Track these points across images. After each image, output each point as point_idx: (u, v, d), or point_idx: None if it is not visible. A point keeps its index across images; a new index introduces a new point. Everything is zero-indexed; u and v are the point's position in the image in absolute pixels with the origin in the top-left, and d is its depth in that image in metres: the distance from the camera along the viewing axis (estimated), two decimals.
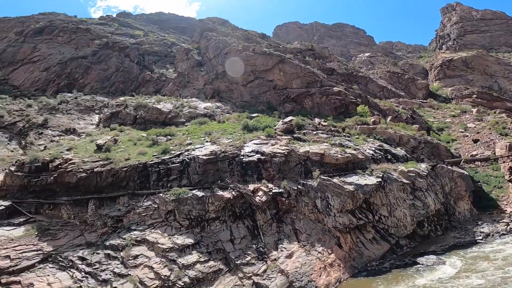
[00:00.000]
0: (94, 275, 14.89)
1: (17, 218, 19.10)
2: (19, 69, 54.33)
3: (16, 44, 59.32)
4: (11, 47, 57.90)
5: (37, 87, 50.65)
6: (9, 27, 66.22)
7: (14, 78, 52.53)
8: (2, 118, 36.75)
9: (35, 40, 61.16)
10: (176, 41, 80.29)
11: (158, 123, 31.35)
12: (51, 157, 21.84)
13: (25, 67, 54.69)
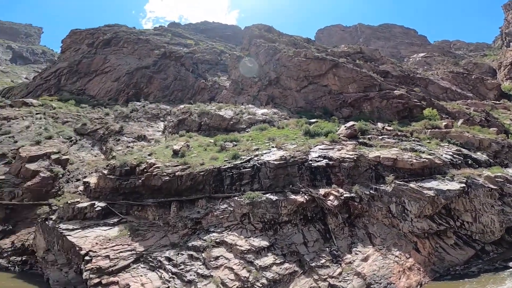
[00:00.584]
0: (180, 276, 15.90)
1: (111, 219, 21.21)
2: (94, 79, 60.49)
3: (89, 55, 65.47)
4: (86, 58, 63.97)
5: (110, 97, 56.37)
6: (81, 38, 72.96)
7: (90, 88, 58.81)
8: (85, 125, 41.72)
9: (105, 51, 67.29)
10: (224, 49, 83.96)
11: (221, 129, 33.49)
12: (137, 162, 24.69)
13: (98, 78, 60.81)
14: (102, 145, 40.35)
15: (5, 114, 38.02)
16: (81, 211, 21.80)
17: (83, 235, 19.72)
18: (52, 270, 19.96)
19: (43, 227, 22.44)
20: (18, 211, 27.27)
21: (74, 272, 19.22)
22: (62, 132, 37.84)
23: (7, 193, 27.98)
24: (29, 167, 29.38)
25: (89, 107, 49.28)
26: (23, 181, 28.86)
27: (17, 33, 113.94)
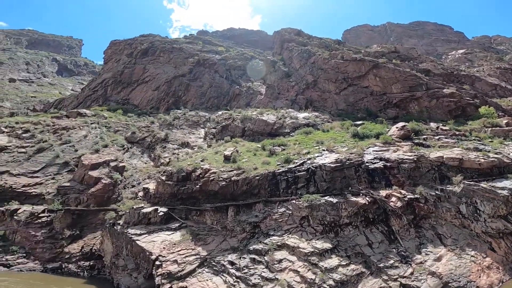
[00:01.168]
0: (244, 280, 16.14)
1: (173, 224, 22.00)
2: (136, 89, 63.79)
3: (130, 65, 68.77)
4: (127, 68, 67.45)
5: (152, 105, 59.25)
6: (120, 49, 76.77)
7: (133, 97, 62.14)
8: (135, 134, 44.14)
9: (143, 61, 70.61)
10: (254, 54, 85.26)
11: (265, 134, 34.26)
12: (192, 168, 25.95)
13: (140, 87, 64.05)
14: (151, 152, 42.47)
15: (64, 124, 41.23)
16: (146, 216, 22.79)
17: (150, 240, 20.59)
18: (122, 276, 20.72)
19: (111, 232, 23.39)
20: (83, 216, 28.78)
21: (143, 277, 19.68)
22: (116, 140, 40.32)
23: (73, 199, 30.23)
24: (92, 174, 31.61)
25: (135, 116, 52.13)
26: (87, 188, 31.02)
27: (60, 46, 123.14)
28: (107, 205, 30.52)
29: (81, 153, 35.64)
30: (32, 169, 32.49)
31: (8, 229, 26.51)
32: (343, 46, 67.49)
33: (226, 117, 40.12)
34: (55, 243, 26.02)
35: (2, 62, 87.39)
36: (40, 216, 27.48)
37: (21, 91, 75.88)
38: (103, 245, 24.20)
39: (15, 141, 35.11)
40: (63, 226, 27.28)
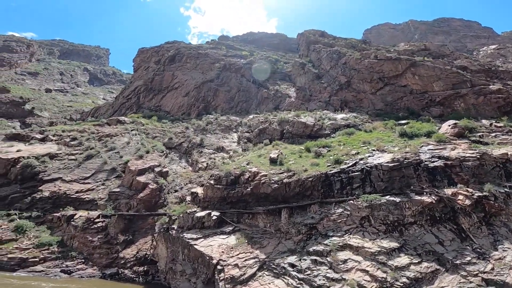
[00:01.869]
0: (308, 281, 15.99)
1: (225, 227, 22.18)
2: (166, 95, 65.43)
3: (159, 72, 70.45)
4: (157, 75, 69.21)
5: (183, 111, 60.67)
6: (148, 57, 78.88)
7: (164, 104, 63.80)
8: (172, 140, 45.41)
9: (171, 68, 72.22)
10: (278, 57, 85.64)
11: (304, 136, 34.44)
12: (240, 171, 26.44)
13: (170, 94, 65.63)
14: (188, 157, 43.44)
15: (107, 131, 43.00)
16: (200, 220, 23.06)
17: (207, 244, 20.75)
18: (181, 281, 20.81)
19: (165, 236, 23.78)
20: (134, 221, 29.61)
21: (201, 282, 19.67)
22: (155, 146, 41.60)
23: (123, 204, 31.32)
24: (140, 179, 32.73)
25: (169, 122, 53.56)
26: (136, 193, 32.02)
27: (90, 55, 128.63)
28: (155, 209, 31.29)
29: (126, 159, 36.97)
30: (83, 175, 33.99)
31: (65, 235, 27.48)
32: (369, 45, 66.94)
33: (261, 121, 40.60)
34: (110, 248, 26.79)
35: (38, 72, 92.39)
36: (95, 222, 28.22)
37: (58, 100, 79.88)
38: (157, 250, 24.71)
39: (65, 148, 36.93)
40: (117, 231, 28.09)
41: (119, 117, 48.91)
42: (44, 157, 33.54)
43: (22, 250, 25.18)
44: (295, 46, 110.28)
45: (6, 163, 31.33)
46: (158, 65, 74.12)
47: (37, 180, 31.78)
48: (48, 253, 25.66)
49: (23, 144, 36.32)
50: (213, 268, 18.97)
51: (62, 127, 43.32)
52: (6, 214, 28.35)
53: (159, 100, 64.78)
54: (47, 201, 30.49)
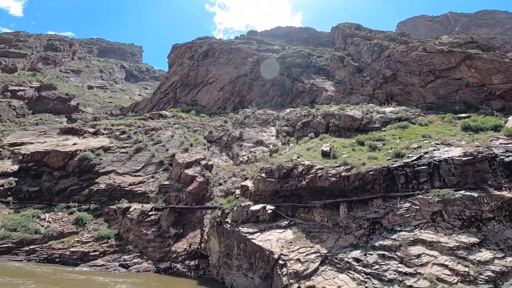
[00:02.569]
0: (377, 276, 15.71)
1: (280, 221, 21.87)
2: (201, 90, 66.39)
3: (193, 67, 71.56)
4: (192, 71, 70.31)
5: (218, 106, 61.33)
6: (182, 53, 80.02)
7: (200, 98, 64.77)
8: (212, 133, 45.94)
9: (205, 63, 73.13)
10: (310, 51, 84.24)
11: (352, 129, 33.55)
12: (292, 164, 26.19)
13: (205, 88, 66.54)
14: (228, 150, 43.79)
15: (151, 125, 44.18)
16: (254, 214, 22.87)
17: (265, 238, 20.62)
18: (237, 276, 20.68)
19: (218, 230, 23.75)
20: (183, 214, 30.04)
21: (259, 277, 19.57)
22: (197, 140, 42.23)
23: (173, 197, 31.84)
24: (187, 172, 33.25)
25: (207, 116, 54.26)
26: (184, 186, 32.47)
27: (125, 53, 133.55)
28: (202, 203, 31.49)
29: (171, 152, 37.77)
30: (134, 168, 35.08)
31: (122, 228, 28.03)
32: (408, 38, 64.27)
33: (304, 114, 40.06)
34: (163, 242, 27.22)
35: (80, 70, 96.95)
36: (149, 214, 28.74)
37: (99, 97, 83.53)
38: (209, 244, 24.80)
39: (116, 141, 38.31)
40: (169, 224, 28.45)
41: (161, 112, 50.13)
42: (99, 150, 34.90)
43: (83, 244, 25.96)
44: (325, 39, 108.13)
45: (65, 156, 32.93)
46: (192, 61, 75.22)
47: (93, 173, 33.07)
48: (107, 246, 26.29)
49: (77, 137, 38.07)
50: (273, 262, 18.92)
51: (111, 121, 45.00)
52: (66, 206, 29.37)
53: (195, 95, 65.78)
54: (103, 193, 31.51)
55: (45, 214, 27.58)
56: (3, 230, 24.52)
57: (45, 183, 30.53)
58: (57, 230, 26.29)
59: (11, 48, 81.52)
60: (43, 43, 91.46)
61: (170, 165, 36.38)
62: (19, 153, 32.19)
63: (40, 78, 78.56)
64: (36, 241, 24.98)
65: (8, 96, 66.67)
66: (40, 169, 31.58)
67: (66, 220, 28.03)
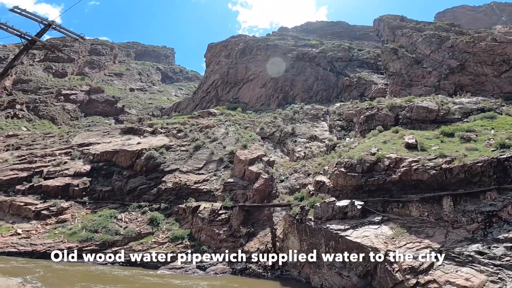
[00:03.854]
0: (510, 267, 14.86)
1: (371, 217, 20.56)
2: (242, 87, 65.74)
3: (232, 65, 71.02)
4: (231, 69, 69.85)
5: (261, 102, 60.49)
6: (217, 51, 79.75)
7: (241, 96, 64.17)
8: (263, 130, 44.94)
9: (243, 61, 72.30)
10: (350, 45, 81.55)
11: (427, 121, 31.45)
12: (375, 158, 24.69)
13: (246, 86, 65.81)
14: (282, 146, 42.72)
15: (205, 123, 43.89)
16: (341, 210, 21.74)
17: (360, 234, 19.62)
18: (329, 275, 19.78)
19: (299, 228, 22.78)
20: (251, 213, 29.07)
21: (356, 275, 18.62)
22: (251, 136, 41.49)
23: (240, 195, 30.98)
24: (252, 169, 32.40)
25: (253, 113, 53.56)
26: (249, 183, 31.71)
27: (159, 55, 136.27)
28: (269, 200, 30.45)
29: (229, 149, 37.19)
30: (196, 166, 34.71)
31: (193, 227, 27.43)
32: (458, 28, 60.92)
33: (366, 107, 38.22)
34: (235, 242, 26.40)
35: (122, 73, 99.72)
36: (219, 213, 27.97)
37: (140, 98, 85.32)
38: (286, 242, 23.86)
39: (175, 140, 38.24)
40: (238, 223, 27.57)
41: (209, 110, 49.94)
42: (161, 149, 34.84)
43: (160, 245, 25.54)
44: (360, 33, 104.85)
45: (132, 155, 33.07)
46: (229, 59, 74.98)
47: (159, 172, 32.99)
48: (183, 247, 25.69)
49: (138, 137, 38.34)
50: (378, 259, 17.64)
51: (165, 120, 45.16)
52: (137, 206, 29.15)
53: (236, 92, 65.36)
54: (171, 192, 31.24)
55: (121, 214, 27.50)
56: (84, 232, 24.52)
57: (116, 183, 30.71)
58: (135, 230, 26.00)
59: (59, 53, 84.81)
60: (87, 47, 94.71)
61: (230, 162, 35.77)
62: (89, 153, 32.66)
63: (88, 82, 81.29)
64: (117, 242, 24.60)
65: (62, 100, 69.37)
66: (110, 168, 31.85)
67: (141, 220, 27.83)
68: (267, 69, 52.03)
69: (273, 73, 52.93)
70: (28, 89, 70.88)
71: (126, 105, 77.05)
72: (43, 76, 78.06)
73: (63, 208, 26.16)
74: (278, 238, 25.58)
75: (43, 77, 78.02)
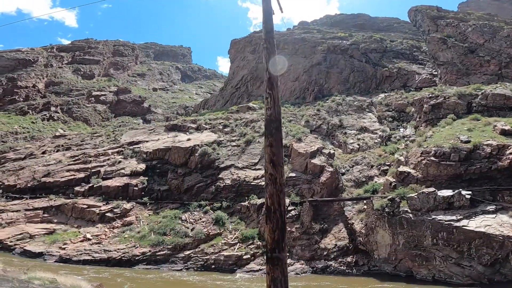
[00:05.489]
0: None
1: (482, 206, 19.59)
2: None
3: (260, 60, 68.37)
4: (259, 63, 67.18)
5: (296, 96, 58.34)
6: (241, 47, 77.61)
7: None
8: (309, 122, 42.72)
9: None
10: (383, 37, 78.79)
11: (506, 108, 29.20)
12: (471, 146, 22.48)
13: None
14: (331, 139, 40.58)
15: (248, 117, 41.78)
16: (445, 201, 20.33)
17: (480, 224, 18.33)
18: (446, 266, 18.77)
19: (392, 221, 21.48)
20: (319, 208, 27.26)
21: (480, 264, 17.85)
22: (299, 129, 39.25)
23: (306, 190, 28.87)
24: (315, 162, 30.25)
25: (291, 107, 51.38)
26: (313, 177, 29.66)
27: (177, 55, 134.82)
28: (336, 194, 28.82)
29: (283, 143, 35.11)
30: (252, 161, 32.65)
31: (262, 226, 25.09)
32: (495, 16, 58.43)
33: (429, 96, 35.67)
34: (310, 239, 24.69)
35: (144, 73, 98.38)
36: (288, 210, 26.08)
37: (164, 98, 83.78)
38: (373, 237, 22.20)
39: (223, 135, 36.18)
40: (309, 219, 25.91)
41: (248, 104, 48.03)
42: (213, 145, 32.82)
43: (231, 246, 23.79)
44: (384, 25, 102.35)
45: (185, 151, 31.08)
46: (255, 54, 73.13)
47: (214, 168, 31.09)
48: (255, 248, 23.92)
49: (183, 133, 36.34)
50: None
51: (205, 116, 43.13)
52: (198, 205, 27.36)
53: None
54: (230, 189, 29.50)
55: (184, 215, 25.62)
56: (153, 235, 22.55)
57: (173, 181, 28.74)
58: (203, 232, 24.25)
59: (85, 55, 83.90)
60: (110, 49, 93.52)
61: (285, 156, 33.63)
62: (141, 152, 30.73)
63: (115, 82, 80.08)
64: (188, 245, 22.91)
65: (93, 101, 68.37)
66: (164, 166, 29.91)
67: (205, 220, 26.02)
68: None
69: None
70: (60, 91, 70.52)
71: (152, 104, 75.45)
72: (72, 78, 77.71)
73: (126, 209, 24.28)
74: (359, 233, 23.60)
75: (73, 79, 77.68)
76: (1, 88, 63.52)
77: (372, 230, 22.34)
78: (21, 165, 31.14)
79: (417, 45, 68.59)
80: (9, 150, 36.02)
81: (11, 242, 20.99)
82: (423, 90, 48.10)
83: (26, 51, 73.14)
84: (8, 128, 50.70)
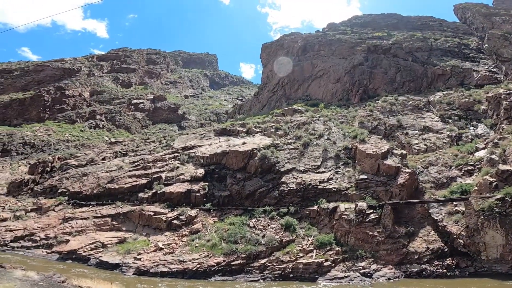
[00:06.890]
0: None
1: None
2: (311, 84, 61.22)
3: (296, 63, 67.06)
4: (296, 66, 65.83)
5: (339, 97, 55.52)
6: (273, 51, 76.16)
7: (312, 92, 59.65)
8: (363, 123, 39.42)
9: (307, 58, 67.87)
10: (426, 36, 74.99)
11: None
12: None
13: (315, 82, 61.21)
14: (391, 139, 37.52)
15: (299, 120, 39.34)
16: None
17: None
18: None
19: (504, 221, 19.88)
20: (399, 211, 25.07)
21: None
22: (359, 131, 36.27)
23: (382, 192, 26.28)
24: (389, 163, 27.50)
25: (338, 108, 48.56)
26: (388, 179, 26.99)
27: (204, 62, 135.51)
28: (416, 196, 26.31)
29: (341, 144, 32.77)
30: (313, 164, 30.15)
31: (337, 231, 23.70)
32: None
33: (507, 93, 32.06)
34: (396, 243, 22.59)
35: (176, 81, 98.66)
36: (367, 213, 24.16)
37: (195, 105, 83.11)
38: (480, 238, 20.67)
39: (277, 139, 33.81)
40: (391, 222, 23.70)
41: (294, 107, 45.47)
42: (271, 148, 30.40)
43: (307, 253, 21.65)
44: (418, 23, 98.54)
45: (244, 155, 28.90)
46: (293, 57, 71.37)
47: (274, 172, 28.83)
48: (334, 254, 21.95)
49: (234, 137, 34.21)
50: None
51: (252, 119, 40.94)
52: (262, 211, 25.46)
53: (306, 89, 61.26)
54: (295, 194, 27.27)
55: (252, 221, 23.35)
56: (224, 243, 20.19)
57: (233, 187, 26.48)
58: (276, 239, 22.18)
59: (122, 64, 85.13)
60: (144, 57, 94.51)
61: (348, 158, 31.03)
62: (197, 157, 28.76)
63: (151, 90, 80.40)
64: (262, 253, 20.96)
65: (132, 109, 68.83)
66: (222, 171, 27.77)
67: (274, 226, 23.88)
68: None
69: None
70: (103, 99, 71.76)
71: (187, 111, 74.55)
72: (113, 87, 79.32)
73: (191, 216, 22.17)
74: (457, 235, 21.84)
75: (113, 87, 79.30)
76: (50, 97, 64.84)
77: (478, 231, 21.06)
78: (84, 171, 30.15)
79: (464, 43, 64.68)
80: (70, 157, 35.20)
81: (85, 252, 19.59)
82: (485, 87, 44.40)
83: (70, 60, 74.91)
84: (60, 136, 51.19)
